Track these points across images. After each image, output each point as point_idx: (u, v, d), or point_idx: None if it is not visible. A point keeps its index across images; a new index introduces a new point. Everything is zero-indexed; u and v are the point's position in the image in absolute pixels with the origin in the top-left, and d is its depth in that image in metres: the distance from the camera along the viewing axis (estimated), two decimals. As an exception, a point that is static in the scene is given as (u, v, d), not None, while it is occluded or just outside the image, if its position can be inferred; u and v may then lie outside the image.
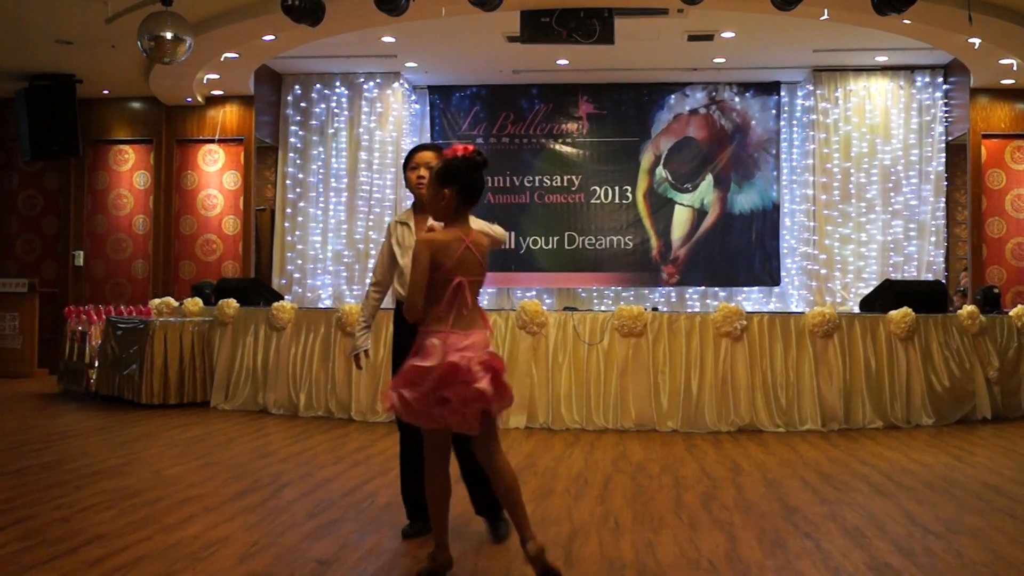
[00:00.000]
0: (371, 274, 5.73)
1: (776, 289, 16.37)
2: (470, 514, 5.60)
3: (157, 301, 12.62)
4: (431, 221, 4.79)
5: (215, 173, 15.91)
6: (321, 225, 16.40)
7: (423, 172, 5.43)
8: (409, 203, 5.76)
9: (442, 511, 4.69)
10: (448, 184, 4.60)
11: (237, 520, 5.76)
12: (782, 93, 16.44)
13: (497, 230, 5.53)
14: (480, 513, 5.50)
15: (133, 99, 16.00)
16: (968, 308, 10.62)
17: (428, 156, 5.50)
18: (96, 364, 12.13)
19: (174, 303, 12.45)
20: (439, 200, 4.64)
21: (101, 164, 16.20)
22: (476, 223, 4.99)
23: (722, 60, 15.20)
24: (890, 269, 15.41)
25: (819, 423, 9.90)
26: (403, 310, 4.72)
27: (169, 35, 10.73)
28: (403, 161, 5.00)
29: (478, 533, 5.45)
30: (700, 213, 16.46)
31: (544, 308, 10.26)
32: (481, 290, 4.75)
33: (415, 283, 4.50)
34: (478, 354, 4.47)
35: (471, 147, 4.66)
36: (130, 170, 16.15)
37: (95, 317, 12.53)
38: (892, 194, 15.62)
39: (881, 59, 15.26)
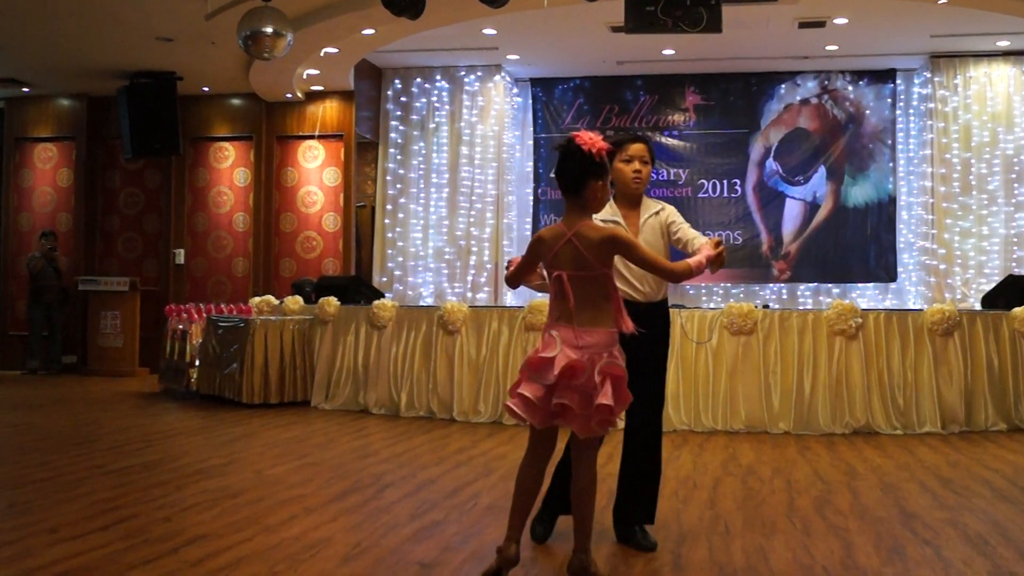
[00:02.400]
0: None
1: (893, 285, 16.10)
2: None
3: (257, 299, 12.81)
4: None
5: (315, 169, 16.09)
6: (422, 221, 16.48)
7: (639, 166, 5.44)
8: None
9: (525, 505, 4.71)
10: (604, 176, 4.68)
11: (338, 521, 5.82)
12: (898, 81, 16.17)
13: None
14: (563, 512, 5.43)
15: (233, 96, 16.26)
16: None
17: (642, 149, 5.54)
18: (197, 363, 12.34)
19: (274, 301, 12.62)
20: (602, 192, 4.72)
21: (201, 161, 16.47)
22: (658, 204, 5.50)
23: (834, 47, 14.98)
24: (1013, 264, 15.08)
25: (939, 425, 9.74)
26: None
27: (269, 30, 10.87)
28: (608, 151, 4.77)
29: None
30: (812, 207, 16.25)
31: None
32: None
33: (519, 266, 4.93)
34: (602, 360, 4.48)
35: (580, 134, 4.68)
36: (230, 167, 16.39)
37: (196, 316, 12.74)
38: (1015, 185, 15.28)
39: (1003, 44, 14.93)
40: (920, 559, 5.11)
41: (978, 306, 12.51)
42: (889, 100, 16.11)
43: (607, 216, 5.40)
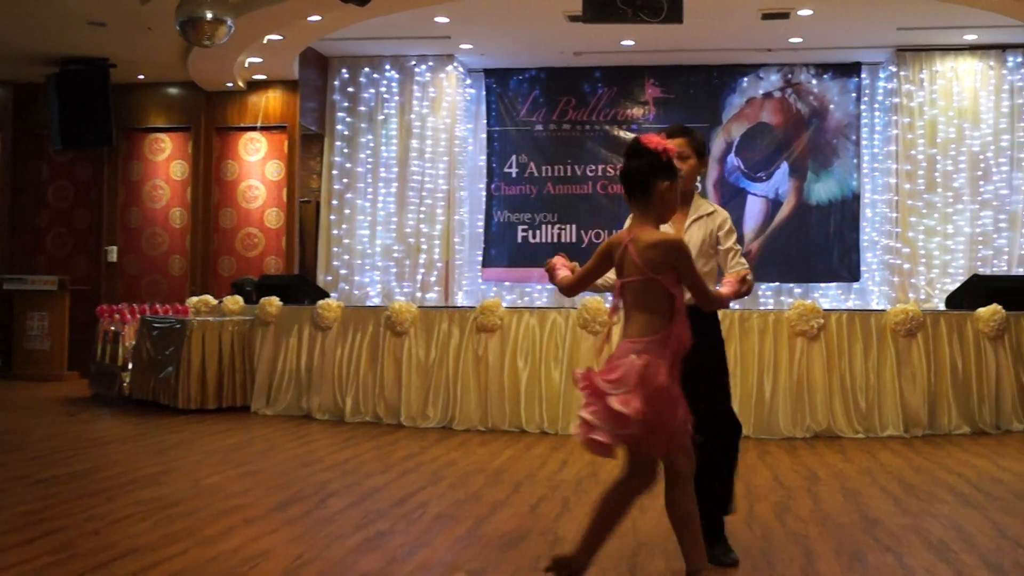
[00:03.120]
0: None
1: (856, 285, 16.23)
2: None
3: (195, 299, 12.74)
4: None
5: (257, 163, 16.03)
6: (369, 218, 16.45)
7: (676, 162, 5.15)
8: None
9: (612, 525, 4.60)
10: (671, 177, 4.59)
11: (280, 532, 5.81)
12: (863, 75, 16.30)
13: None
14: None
15: (170, 84, 16.15)
16: (1064, 305, 10.50)
17: (680, 143, 5.35)
18: (130, 366, 12.27)
19: (213, 301, 12.57)
20: (669, 194, 4.61)
21: (136, 154, 16.37)
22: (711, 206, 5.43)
23: (799, 40, 15.09)
24: (979, 263, 15.24)
25: (901, 429, 9.84)
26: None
27: (208, 16, 10.84)
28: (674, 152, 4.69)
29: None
30: (774, 204, 16.36)
31: (607, 306, 10.25)
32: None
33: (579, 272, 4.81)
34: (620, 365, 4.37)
35: (647, 136, 4.61)
36: (166, 160, 16.31)
37: (129, 316, 12.67)
38: (981, 183, 15.44)
39: (970, 37, 15.09)
40: (882, 566, 5.16)
41: (942, 306, 12.64)
42: (854, 94, 16.24)
43: None
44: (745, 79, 16.43)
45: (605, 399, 4.26)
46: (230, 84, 15.63)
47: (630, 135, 16.46)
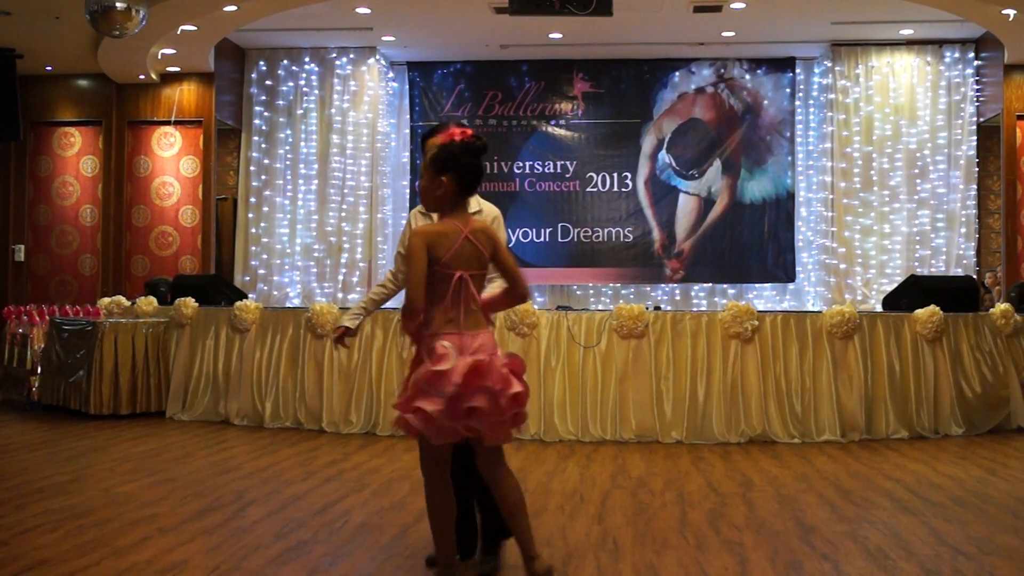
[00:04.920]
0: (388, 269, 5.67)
1: (791, 286, 16.40)
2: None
3: (107, 300, 12.60)
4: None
5: (171, 158, 15.89)
6: (289, 216, 16.38)
7: None
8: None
9: (450, 526, 4.74)
10: (446, 171, 4.67)
11: (196, 543, 5.76)
12: (797, 70, 16.48)
13: (487, 207, 5.60)
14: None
15: (80, 76, 15.98)
16: (1002, 306, 10.64)
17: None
18: (39, 370, 12.11)
19: (125, 302, 12.44)
20: (436, 188, 4.69)
21: (44, 148, 16.17)
22: (479, 204, 5.40)
23: (731, 33, 15.22)
24: (916, 263, 15.44)
25: (838, 433, 9.91)
26: (402, 313, 4.60)
27: (120, 5, 10.72)
28: (420, 143, 4.86)
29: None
30: (707, 202, 16.48)
31: (535, 307, 10.26)
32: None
33: (413, 279, 4.53)
34: (499, 356, 4.61)
35: (469, 131, 4.75)
36: (76, 155, 16.13)
37: (37, 318, 12.52)
38: (918, 181, 15.65)
39: (906, 32, 15.29)
40: (818, 574, 5.20)
41: (879, 308, 12.77)
42: (788, 90, 16.41)
43: (424, 210, 5.34)
44: (677, 74, 16.55)
45: (499, 386, 4.54)
46: (142, 76, 15.47)
47: (559, 131, 16.56)
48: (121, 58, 14.64)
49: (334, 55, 16.43)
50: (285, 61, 16.50)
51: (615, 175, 16.57)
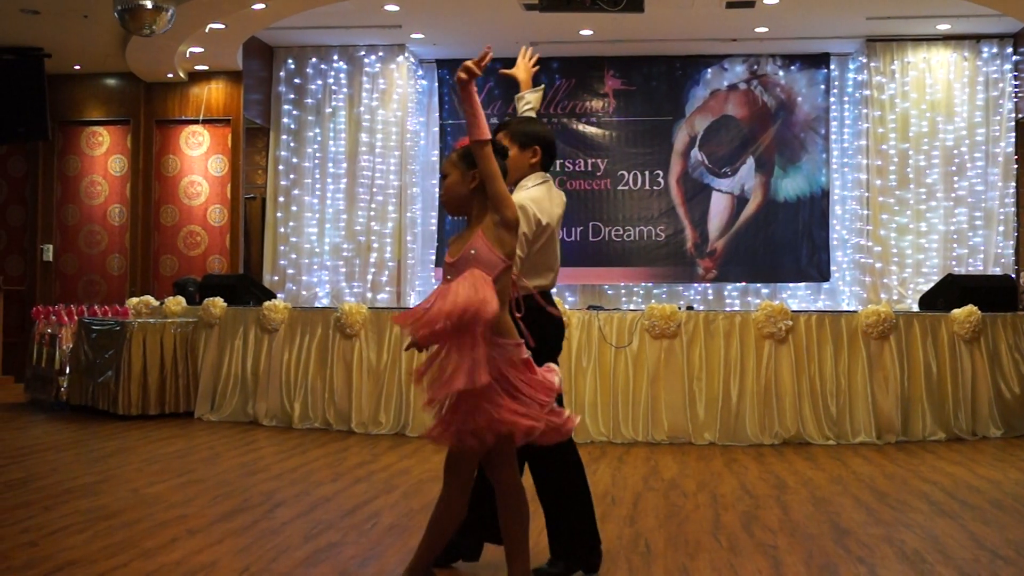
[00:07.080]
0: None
1: (825, 285, 16.31)
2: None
3: (135, 300, 12.66)
4: None
5: (199, 157, 15.93)
6: (318, 215, 16.39)
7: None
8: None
9: (451, 533, 4.65)
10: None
11: (224, 544, 5.78)
12: (832, 66, 16.38)
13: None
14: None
15: (108, 75, 16.02)
16: (1041, 305, 10.59)
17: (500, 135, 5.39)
18: (67, 371, 12.17)
19: (154, 302, 12.49)
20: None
21: (72, 148, 16.23)
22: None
23: (765, 29, 15.15)
24: (953, 263, 15.34)
25: (873, 435, 9.89)
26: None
27: (148, 3, 10.76)
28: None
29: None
30: (740, 200, 16.41)
31: (566, 307, 10.26)
32: None
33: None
34: None
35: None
36: (105, 154, 16.18)
37: (66, 318, 12.57)
38: (955, 179, 15.53)
39: (943, 27, 15.19)
40: (853, 578, 5.20)
41: (915, 307, 12.72)
42: (822, 87, 16.32)
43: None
44: (709, 70, 16.47)
45: None
46: (171, 75, 15.51)
47: (590, 128, 16.52)
48: (149, 57, 14.68)
49: (363, 53, 16.43)
50: (313, 59, 16.51)
51: (647, 173, 16.51)
